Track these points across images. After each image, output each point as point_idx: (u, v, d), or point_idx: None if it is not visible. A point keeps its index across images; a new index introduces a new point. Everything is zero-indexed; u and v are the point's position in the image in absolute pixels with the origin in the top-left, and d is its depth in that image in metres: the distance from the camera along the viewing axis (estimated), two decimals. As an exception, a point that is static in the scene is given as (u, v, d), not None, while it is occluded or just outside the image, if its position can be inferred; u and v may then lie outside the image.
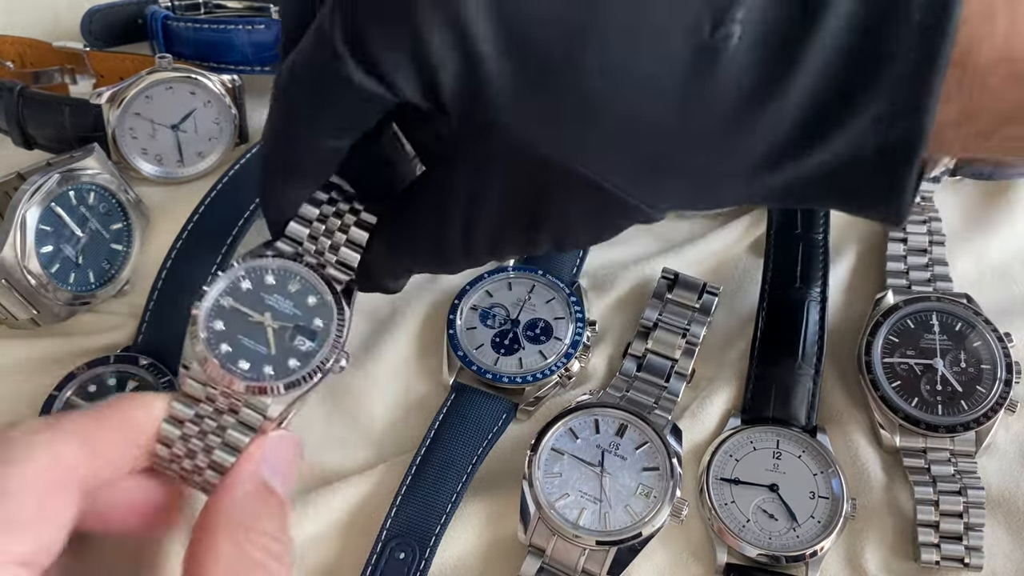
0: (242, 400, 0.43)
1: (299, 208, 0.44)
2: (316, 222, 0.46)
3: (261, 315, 0.44)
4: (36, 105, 0.61)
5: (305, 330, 0.44)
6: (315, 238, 0.46)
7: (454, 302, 0.56)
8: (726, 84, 0.31)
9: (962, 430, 0.51)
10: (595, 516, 0.48)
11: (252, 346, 0.43)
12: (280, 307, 0.45)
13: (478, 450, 0.51)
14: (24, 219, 0.52)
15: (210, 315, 0.44)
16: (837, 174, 0.33)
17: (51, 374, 0.55)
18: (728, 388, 0.54)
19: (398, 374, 0.56)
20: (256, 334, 0.44)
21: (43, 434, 0.35)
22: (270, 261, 0.45)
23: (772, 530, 0.48)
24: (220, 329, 0.43)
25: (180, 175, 0.64)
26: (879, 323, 0.54)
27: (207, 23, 0.66)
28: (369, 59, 0.32)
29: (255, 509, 0.39)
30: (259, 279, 0.45)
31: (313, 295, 0.45)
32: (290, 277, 0.45)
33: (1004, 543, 0.49)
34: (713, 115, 0.32)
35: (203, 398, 0.43)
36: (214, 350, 0.43)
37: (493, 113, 0.33)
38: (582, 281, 0.58)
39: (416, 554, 0.48)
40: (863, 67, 0.30)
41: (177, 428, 0.42)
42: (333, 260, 0.46)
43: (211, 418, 0.42)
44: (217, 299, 0.44)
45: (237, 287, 0.44)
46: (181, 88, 0.62)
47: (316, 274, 0.45)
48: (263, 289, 0.45)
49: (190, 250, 0.58)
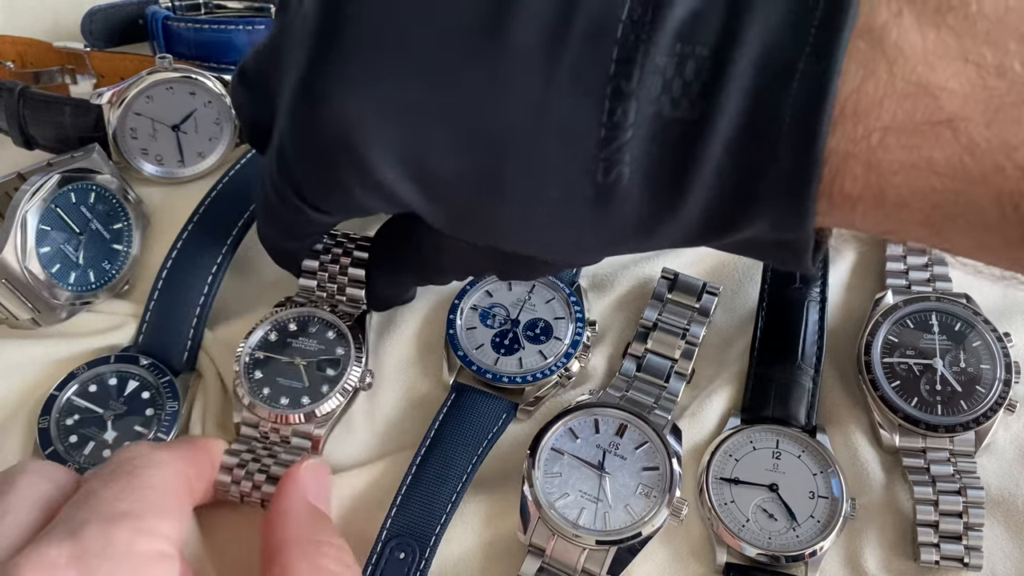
0: (290, 431, 0.51)
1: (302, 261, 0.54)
2: (320, 272, 0.54)
3: (291, 357, 0.53)
4: (37, 105, 0.61)
5: (330, 360, 0.52)
6: (323, 287, 0.55)
7: (454, 302, 0.56)
8: (625, 213, 0.36)
9: (961, 430, 0.51)
10: (595, 516, 0.48)
11: (288, 384, 0.52)
12: (306, 346, 0.53)
13: (478, 450, 0.51)
14: (25, 219, 0.52)
15: (248, 368, 0.52)
16: (747, 248, 0.38)
17: (52, 374, 0.55)
18: (728, 388, 0.54)
19: (398, 374, 0.56)
20: (289, 373, 0.52)
21: (164, 452, 0.44)
22: (290, 312, 0.54)
23: (772, 530, 0.48)
24: (259, 377, 0.52)
25: (180, 175, 0.64)
26: (879, 323, 0.54)
27: (207, 23, 0.66)
28: (319, 208, 0.42)
29: (315, 525, 0.45)
30: (283, 328, 0.54)
31: (332, 330, 0.54)
32: (309, 320, 0.54)
33: (1003, 543, 0.49)
34: (617, 234, 0.37)
35: (258, 436, 0.51)
36: (257, 395, 0.51)
37: (431, 224, 0.41)
38: (582, 281, 0.58)
39: (416, 554, 0.48)
40: (741, 205, 0.34)
41: (235, 458, 0.49)
42: (343, 300, 0.54)
43: (265, 448, 0.50)
44: (252, 353, 0.53)
45: (266, 340, 0.53)
46: (181, 88, 0.62)
47: (331, 312, 0.54)
48: (288, 335, 0.54)
49: (191, 250, 0.58)
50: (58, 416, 0.52)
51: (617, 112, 0.33)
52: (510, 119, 0.35)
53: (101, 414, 0.53)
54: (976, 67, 0.30)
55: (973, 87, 0.30)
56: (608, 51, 0.33)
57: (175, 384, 0.54)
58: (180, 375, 0.55)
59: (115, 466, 0.42)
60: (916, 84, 0.30)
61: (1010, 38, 0.30)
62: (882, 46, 0.31)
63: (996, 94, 0.30)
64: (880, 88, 0.31)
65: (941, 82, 0.30)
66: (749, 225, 0.35)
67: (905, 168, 0.31)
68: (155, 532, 0.39)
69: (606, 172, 0.34)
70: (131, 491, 0.40)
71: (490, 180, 0.37)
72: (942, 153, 0.31)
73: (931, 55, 0.30)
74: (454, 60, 0.35)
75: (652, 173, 0.34)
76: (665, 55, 0.32)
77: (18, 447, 0.53)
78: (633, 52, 0.33)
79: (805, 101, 0.31)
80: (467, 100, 0.35)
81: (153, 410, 0.53)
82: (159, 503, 0.41)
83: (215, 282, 0.57)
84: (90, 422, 0.53)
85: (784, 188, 0.32)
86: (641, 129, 0.33)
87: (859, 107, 0.31)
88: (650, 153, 0.34)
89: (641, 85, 0.33)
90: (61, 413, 0.53)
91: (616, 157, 0.34)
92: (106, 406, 0.53)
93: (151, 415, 0.53)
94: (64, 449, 0.51)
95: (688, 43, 0.32)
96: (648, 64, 0.32)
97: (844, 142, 0.31)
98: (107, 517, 0.38)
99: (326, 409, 0.51)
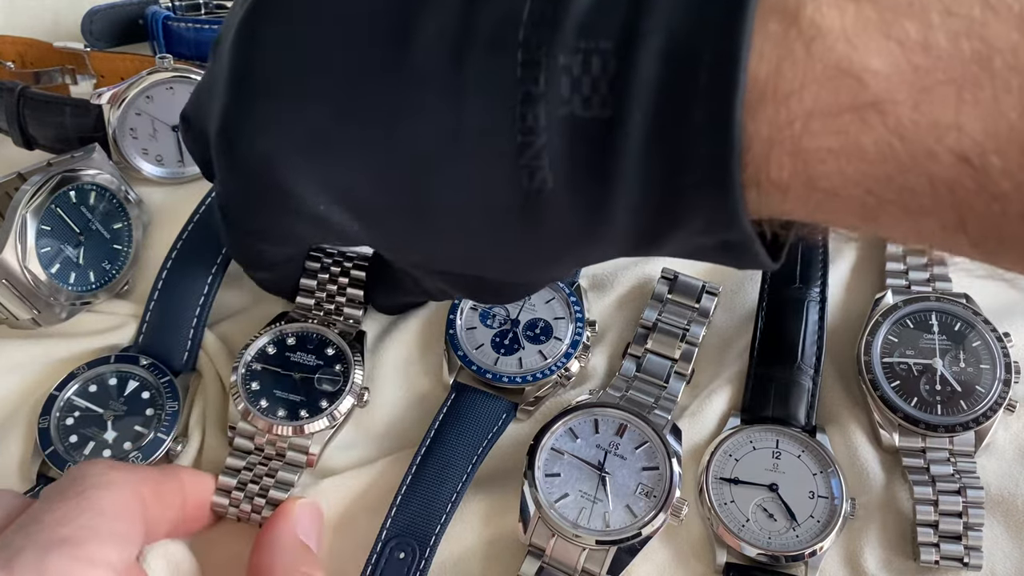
0: (286, 443, 0.51)
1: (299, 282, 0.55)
2: (318, 292, 0.55)
3: (288, 370, 0.53)
4: (37, 105, 0.61)
5: (328, 375, 0.53)
6: (320, 305, 0.55)
7: (454, 302, 0.56)
8: (557, 221, 0.34)
9: (961, 430, 0.51)
10: (595, 516, 0.48)
11: (285, 396, 0.52)
12: (304, 360, 0.53)
13: (478, 450, 0.51)
14: (25, 219, 0.52)
15: (246, 379, 0.52)
16: (700, 253, 0.36)
17: (52, 374, 0.55)
18: (728, 388, 0.54)
19: (398, 374, 0.56)
20: (287, 386, 0.52)
21: (121, 472, 0.43)
22: (289, 327, 0.54)
23: (771, 530, 0.49)
24: (256, 389, 0.52)
25: (181, 175, 0.64)
26: (878, 323, 0.54)
27: (207, 23, 0.66)
28: (267, 241, 0.46)
29: (300, 556, 0.46)
30: (281, 341, 0.54)
31: (330, 346, 0.54)
32: (308, 336, 0.54)
33: (1003, 543, 0.49)
34: (555, 246, 0.36)
35: (252, 450, 0.51)
36: (255, 405, 0.51)
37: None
38: (582, 281, 0.58)
39: (416, 554, 0.48)
40: (668, 203, 0.32)
41: (233, 478, 0.50)
42: (340, 319, 0.55)
43: (262, 463, 0.51)
44: (249, 364, 0.53)
45: (264, 352, 0.53)
46: (182, 88, 0.62)
47: (329, 328, 0.54)
48: (286, 349, 0.54)
49: (191, 250, 0.58)
50: (58, 416, 0.53)
51: (528, 117, 0.32)
52: (425, 141, 0.34)
53: (101, 414, 0.53)
54: (899, 44, 0.28)
55: (898, 65, 0.28)
56: (513, 55, 0.32)
57: (175, 384, 0.54)
58: (180, 375, 0.55)
59: (67, 485, 0.41)
60: (837, 65, 0.28)
61: (933, 9, 0.28)
62: (797, 24, 0.28)
63: (922, 72, 0.28)
64: (799, 70, 0.28)
65: (864, 61, 0.28)
66: (681, 226, 0.33)
67: (833, 155, 0.29)
68: (95, 559, 0.38)
69: (530, 179, 0.33)
70: (76, 515, 0.39)
71: (417, 204, 0.36)
72: (870, 138, 0.29)
73: (851, 31, 0.28)
74: (361, 91, 0.35)
75: (575, 177, 0.33)
76: (569, 53, 0.31)
77: (18, 447, 0.53)
78: (536, 53, 0.31)
79: (714, 89, 0.29)
80: (379, 129, 0.35)
81: (153, 410, 0.53)
82: (105, 528, 0.40)
83: (215, 282, 0.57)
84: (90, 422, 0.53)
85: (707, 180, 0.31)
86: (556, 132, 0.32)
87: (778, 91, 0.29)
88: (571, 156, 0.32)
89: (549, 87, 0.31)
90: (61, 413, 0.53)
91: (536, 163, 0.33)
92: (106, 406, 0.53)
93: (151, 415, 0.53)
94: (64, 449, 0.51)
95: (591, 38, 0.31)
96: (553, 64, 0.31)
97: (767, 128, 0.29)
98: (44, 544, 0.37)
99: (322, 425, 0.51)
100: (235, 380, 0.52)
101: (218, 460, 0.52)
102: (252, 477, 0.50)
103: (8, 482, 0.52)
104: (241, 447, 0.51)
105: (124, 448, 0.52)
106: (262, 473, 0.50)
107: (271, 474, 0.50)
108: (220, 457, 0.52)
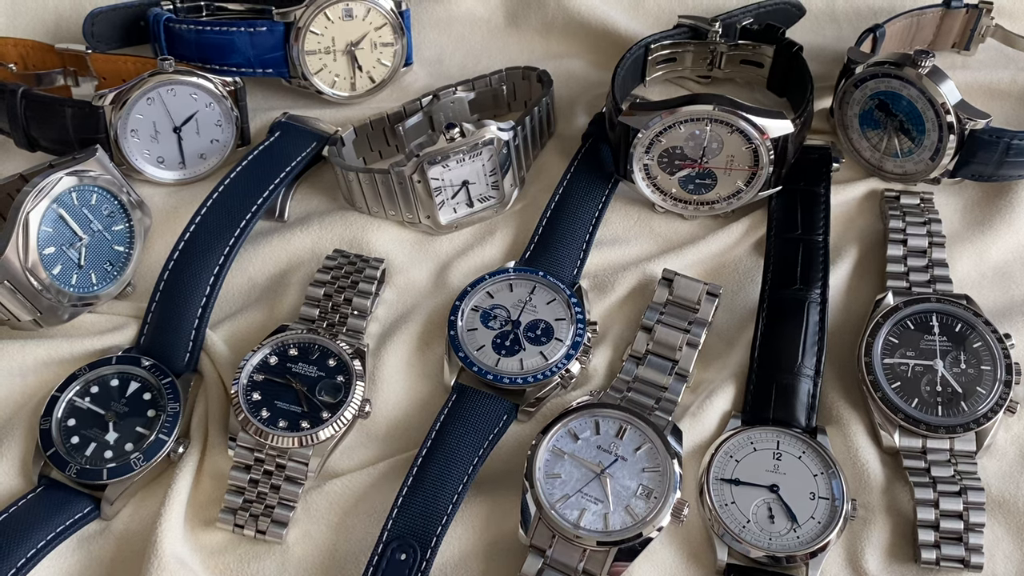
0: (287, 455, 0.51)
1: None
2: (323, 300, 0.55)
3: (290, 381, 0.53)
4: (39, 107, 0.62)
5: (330, 387, 0.52)
6: (324, 316, 0.55)
7: (455, 303, 0.56)
8: None
9: (962, 431, 0.51)
10: (596, 517, 0.48)
11: (286, 407, 0.52)
12: (305, 372, 0.53)
13: (479, 451, 0.51)
14: (27, 221, 0.52)
15: (247, 389, 0.52)
16: None
17: (53, 375, 0.55)
18: (728, 389, 0.54)
19: (399, 375, 0.56)
20: (288, 397, 0.52)
21: None
22: (291, 336, 0.54)
23: (772, 530, 0.49)
24: (257, 399, 0.52)
25: (182, 177, 0.65)
26: (879, 324, 0.54)
27: (209, 25, 0.66)
28: None
29: None
30: (283, 352, 0.54)
31: (332, 358, 0.54)
32: (310, 347, 0.54)
33: (1004, 543, 0.49)
34: None
35: (253, 462, 0.51)
36: (255, 416, 0.51)
37: None
38: (583, 282, 0.58)
39: (417, 555, 0.48)
40: None
41: (238, 497, 0.50)
42: (343, 330, 0.55)
43: (264, 477, 0.51)
44: (251, 375, 0.53)
45: (266, 362, 0.53)
46: (183, 90, 0.63)
47: (332, 340, 0.54)
48: (288, 360, 0.53)
49: (192, 251, 0.58)
50: (60, 417, 0.53)
51: None
52: None
53: (103, 415, 0.53)
54: None
55: None
56: None
57: (177, 385, 0.54)
58: (182, 376, 0.55)
59: None
60: None
61: None
62: None
63: None
64: None
65: None
66: None
67: None
68: None
69: None
70: None
71: None
72: None
73: None
74: None
75: None
76: None
77: (20, 448, 0.53)
78: None
79: None
80: None
81: (155, 411, 0.53)
82: None
83: (217, 283, 0.57)
84: (92, 423, 0.53)
85: None
86: None
87: None
88: None
89: None
90: (63, 414, 0.53)
91: None
92: (108, 407, 0.53)
93: (153, 416, 0.53)
94: (65, 450, 0.52)
95: None
96: None
97: None
98: None
99: (324, 435, 0.51)
100: (236, 391, 0.52)
101: (221, 465, 0.52)
102: (256, 496, 0.50)
103: (10, 483, 0.52)
104: (242, 458, 0.51)
105: (125, 449, 0.52)
106: (266, 490, 0.50)
107: (275, 488, 0.50)
108: (223, 462, 0.52)
